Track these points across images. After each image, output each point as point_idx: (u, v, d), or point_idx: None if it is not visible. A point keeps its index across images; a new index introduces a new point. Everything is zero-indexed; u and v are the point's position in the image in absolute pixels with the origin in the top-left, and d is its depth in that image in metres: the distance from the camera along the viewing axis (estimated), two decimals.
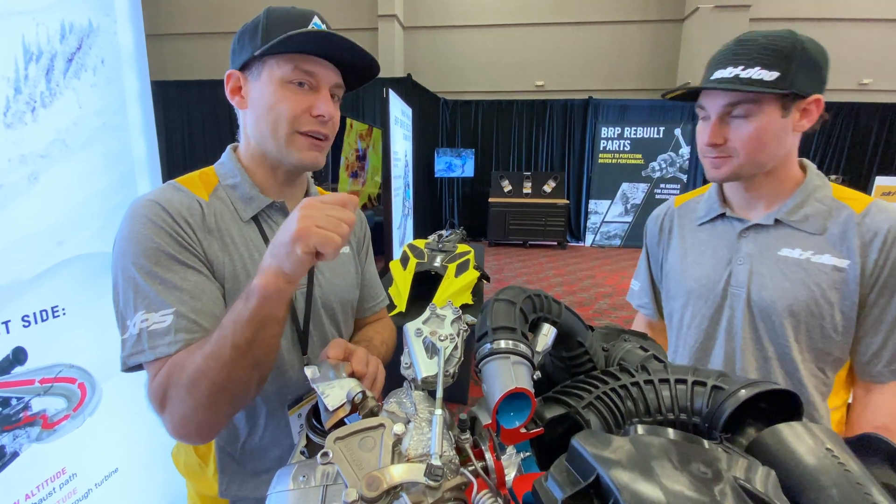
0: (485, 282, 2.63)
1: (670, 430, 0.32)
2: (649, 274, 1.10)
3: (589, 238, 8.13)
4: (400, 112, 4.68)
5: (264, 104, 0.68)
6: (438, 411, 0.32)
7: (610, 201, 7.93)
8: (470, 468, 0.36)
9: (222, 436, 0.74)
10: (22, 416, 1.01)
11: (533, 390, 0.38)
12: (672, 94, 0.86)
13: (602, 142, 7.74)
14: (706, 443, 0.31)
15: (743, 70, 0.76)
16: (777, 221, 0.85)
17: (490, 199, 7.81)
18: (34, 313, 1.02)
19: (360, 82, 0.77)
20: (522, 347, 0.40)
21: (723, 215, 0.93)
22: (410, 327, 0.43)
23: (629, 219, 7.94)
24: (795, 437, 0.38)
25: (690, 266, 0.95)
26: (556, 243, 7.89)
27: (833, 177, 7.32)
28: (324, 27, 0.69)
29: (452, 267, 2.21)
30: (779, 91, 0.74)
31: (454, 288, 2.12)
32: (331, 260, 0.54)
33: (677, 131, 7.49)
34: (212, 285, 0.65)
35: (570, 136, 8.22)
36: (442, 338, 0.41)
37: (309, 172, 0.82)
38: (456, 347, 0.43)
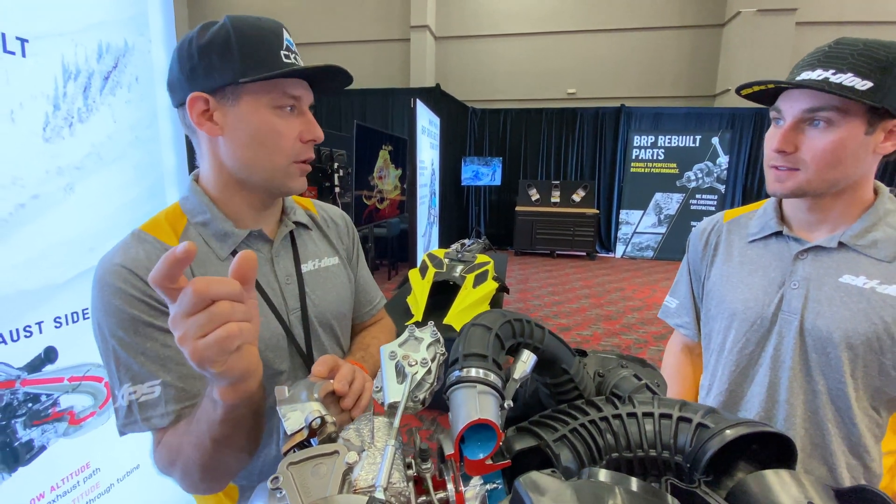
0: (504, 293, 2.61)
1: (633, 480, 0.31)
2: (690, 291, 1.02)
3: (620, 249, 7.92)
4: (427, 122, 4.73)
5: (253, 134, 0.63)
6: (392, 441, 0.32)
7: (642, 211, 7.71)
8: (426, 499, 0.35)
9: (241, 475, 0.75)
10: (50, 411, 1.07)
11: (499, 421, 0.37)
12: (748, 90, 0.77)
13: (634, 150, 7.55)
14: (670, 498, 0.30)
15: (833, 74, 0.68)
16: (841, 245, 0.78)
17: (517, 208, 7.76)
18: (66, 315, 1.09)
19: (327, 93, 0.74)
20: (492, 377, 0.40)
21: (778, 233, 0.85)
22: (385, 349, 0.43)
23: (662, 230, 7.69)
24: (781, 486, 0.36)
25: (736, 286, 0.88)
26: (584, 254, 7.73)
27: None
28: (291, 39, 0.66)
29: (470, 277, 2.21)
30: (868, 102, 0.66)
31: (471, 299, 2.12)
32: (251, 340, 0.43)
33: (715, 140, 7.22)
34: None
35: (601, 144, 8.07)
36: (412, 362, 0.41)
37: None
38: (429, 372, 0.43)
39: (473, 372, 0.40)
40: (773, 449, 0.42)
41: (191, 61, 0.62)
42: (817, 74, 0.69)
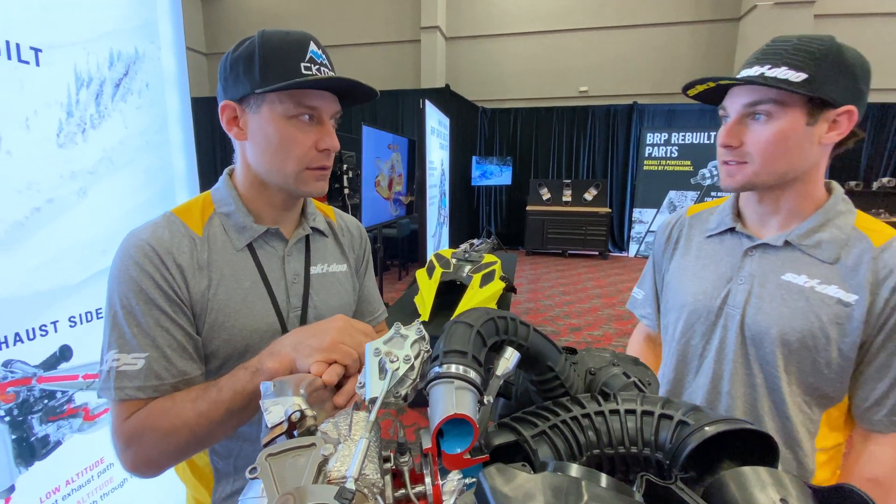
0: (512, 293, 2.61)
1: (603, 476, 0.31)
2: (654, 283, 1.06)
3: (633, 248, 7.83)
4: (437, 122, 4.75)
5: (268, 140, 0.68)
6: (366, 434, 0.33)
7: (656, 210, 7.61)
8: (403, 492, 0.36)
9: (218, 453, 0.78)
10: (66, 408, 1.11)
11: (476, 417, 0.38)
12: (694, 91, 0.80)
13: (647, 148, 7.46)
14: (637, 495, 0.30)
15: (769, 69, 0.71)
16: (787, 243, 0.80)
17: (528, 208, 7.73)
18: (80, 314, 1.13)
19: (358, 102, 0.77)
20: (472, 374, 0.40)
21: (732, 230, 0.88)
22: (370, 346, 0.44)
23: None
24: (757, 483, 0.36)
25: (690, 279, 0.92)
26: (597, 253, 7.66)
27: (853, 183, 6.68)
28: (319, 51, 0.69)
29: (477, 277, 2.21)
30: (804, 93, 0.69)
31: (478, 299, 2.12)
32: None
33: None
34: (186, 341, 0.66)
35: (613, 142, 7.99)
36: (394, 359, 0.42)
37: None
38: (412, 368, 0.43)
39: (453, 368, 0.40)
40: (755, 447, 0.42)
41: (224, 73, 0.69)
42: (755, 70, 0.73)
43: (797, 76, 0.69)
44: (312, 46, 0.68)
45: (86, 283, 1.14)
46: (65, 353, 1.10)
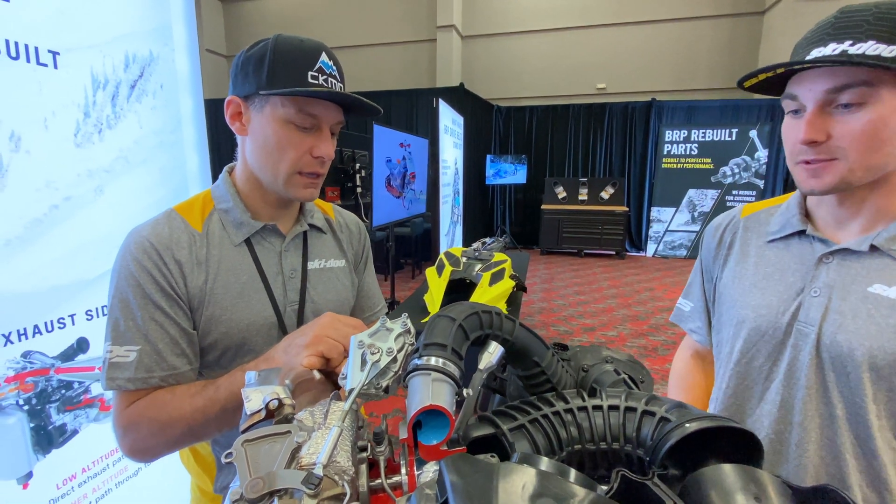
0: (522, 292, 2.59)
1: (571, 471, 0.31)
2: (703, 293, 0.93)
3: (651, 248, 7.70)
4: (450, 121, 4.75)
5: (265, 140, 0.70)
6: (339, 423, 0.33)
7: (674, 209, 7.47)
8: (379, 482, 0.37)
9: (220, 444, 0.80)
10: (82, 398, 1.16)
11: (452, 409, 0.38)
12: (753, 81, 0.69)
13: (666, 145, 7.32)
14: (601, 488, 0.30)
15: (852, 45, 0.58)
16: (873, 248, 0.67)
17: (543, 206, 7.67)
18: (96, 308, 1.17)
19: (363, 116, 0.78)
20: (450, 366, 0.41)
21: (801, 233, 0.74)
22: (355, 339, 0.45)
23: (696, 228, 7.42)
24: (733, 480, 0.35)
25: (749, 290, 0.78)
26: (613, 253, 7.56)
27: None
28: (330, 62, 0.71)
29: (487, 276, 2.20)
30: None
31: (487, 297, 2.12)
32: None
33: (752, 133, 6.90)
34: (179, 336, 0.68)
35: (630, 140, 7.87)
36: (374, 351, 0.42)
37: None
38: (394, 361, 0.44)
39: (433, 361, 0.41)
40: (741, 446, 0.41)
41: (236, 69, 0.71)
42: (832, 49, 0.60)
43: (890, 50, 0.57)
44: (324, 57, 0.69)
45: (102, 277, 1.18)
46: (81, 345, 1.14)
